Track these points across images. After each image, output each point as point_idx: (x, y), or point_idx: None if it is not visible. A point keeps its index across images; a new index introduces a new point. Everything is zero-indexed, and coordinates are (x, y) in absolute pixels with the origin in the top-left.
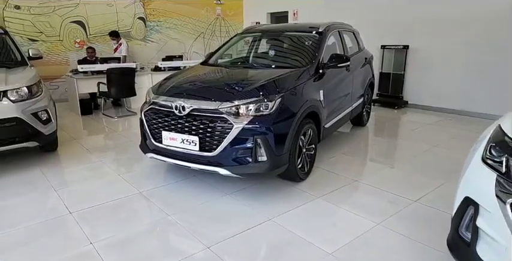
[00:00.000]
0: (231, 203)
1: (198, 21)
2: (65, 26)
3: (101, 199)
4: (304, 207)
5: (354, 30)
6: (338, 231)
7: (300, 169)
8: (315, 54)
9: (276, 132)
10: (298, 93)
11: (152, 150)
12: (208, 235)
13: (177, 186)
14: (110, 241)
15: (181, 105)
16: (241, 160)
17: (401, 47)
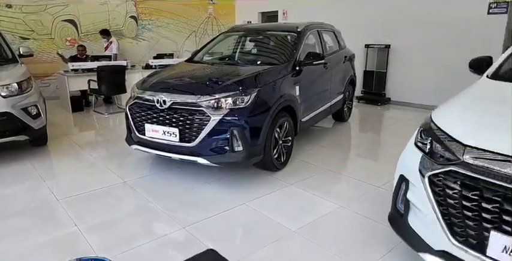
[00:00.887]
0: (209, 190)
1: (190, 20)
2: (57, 24)
3: (86, 188)
4: (276, 193)
5: (334, 30)
6: (304, 213)
7: (276, 159)
8: (293, 52)
9: (251, 124)
10: (273, 88)
11: (136, 142)
12: (185, 218)
13: (160, 176)
14: (93, 224)
15: (162, 98)
16: (219, 150)
17: (384, 46)
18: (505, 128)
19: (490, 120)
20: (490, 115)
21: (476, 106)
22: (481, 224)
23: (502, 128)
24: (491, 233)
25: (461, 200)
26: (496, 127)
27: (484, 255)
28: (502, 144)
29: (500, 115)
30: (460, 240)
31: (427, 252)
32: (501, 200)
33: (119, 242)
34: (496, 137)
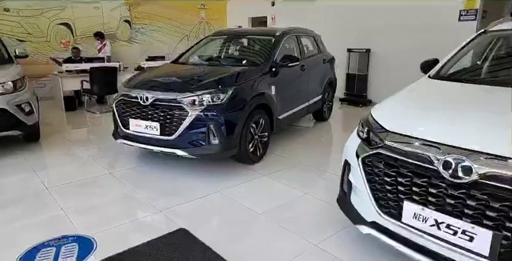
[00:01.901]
0: (188, 181)
1: (182, 25)
2: (52, 27)
3: (74, 178)
4: (249, 183)
5: (314, 34)
6: (271, 199)
7: (252, 153)
8: (270, 54)
9: (227, 119)
10: (249, 87)
11: (122, 136)
12: (162, 204)
13: (144, 168)
14: (77, 208)
15: (145, 95)
16: (196, 143)
17: (364, 51)
18: (422, 117)
19: (412, 111)
20: (414, 108)
21: (407, 101)
22: (398, 196)
23: (419, 117)
24: (405, 203)
25: (383, 177)
26: (415, 116)
27: (400, 221)
28: (416, 129)
29: (423, 107)
30: (384, 211)
31: (362, 224)
32: (412, 175)
33: (101, 223)
34: (412, 124)
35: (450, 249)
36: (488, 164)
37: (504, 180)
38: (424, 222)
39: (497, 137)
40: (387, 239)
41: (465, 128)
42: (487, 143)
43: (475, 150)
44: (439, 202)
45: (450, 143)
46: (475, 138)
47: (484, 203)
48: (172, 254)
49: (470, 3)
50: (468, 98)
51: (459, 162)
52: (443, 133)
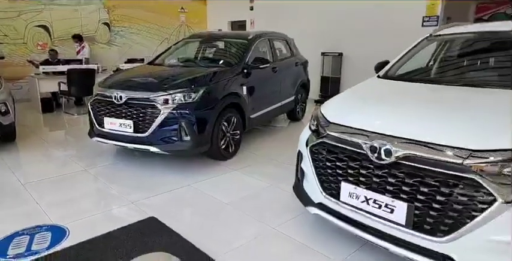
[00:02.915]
0: (161, 176)
1: (162, 28)
2: (30, 29)
3: (49, 175)
4: (220, 177)
5: (287, 38)
6: (239, 190)
7: (224, 149)
8: (242, 56)
9: (198, 117)
10: (221, 87)
11: (97, 134)
12: (134, 197)
13: (119, 165)
14: (52, 202)
15: (119, 94)
16: (168, 140)
17: (337, 54)
18: (357, 109)
19: (351, 105)
20: (354, 102)
21: (350, 96)
22: (337, 178)
23: (355, 110)
24: (342, 184)
25: (326, 162)
26: (352, 109)
27: (339, 200)
28: (351, 120)
29: (360, 102)
30: (327, 193)
31: (310, 206)
32: (347, 159)
33: (74, 214)
34: (348, 115)
35: (377, 221)
36: (404, 147)
37: (415, 160)
38: (357, 199)
39: (413, 125)
40: (330, 217)
41: (388, 118)
42: (403, 130)
43: (393, 135)
44: (368, 181)
45: (375, 130)
46: (395, 126)
47: (400, 180)
48: (141, 238)
49: (432, 10)
50: (401, 94)
51: (382, 146)
52: (371, 123)
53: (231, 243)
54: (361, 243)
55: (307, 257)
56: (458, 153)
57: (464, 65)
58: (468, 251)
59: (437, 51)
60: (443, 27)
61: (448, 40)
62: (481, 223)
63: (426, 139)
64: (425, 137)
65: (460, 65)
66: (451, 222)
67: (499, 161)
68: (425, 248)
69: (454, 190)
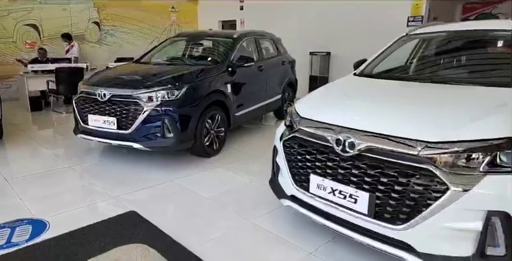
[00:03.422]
0: (144, 173)
1: (153, 27)
2: (19, 28)
3: (34, 171)
4: (202, 173)
5: (274, 37)
6: (219, 186)
7: (207, 146)
8: (227, 55)
9: (181, 114)
10: (205, 84)
11: (82, 131)
12: (116, 192)
13: (104, 162)
14: (34, 197)
15: (102, 92)
16: (151, 136)
17: (325, 54)
18: (327, 105)
19: (322, 101)
20: (325, 98)
21: (323, 93)
22: (307, 171)
23: (324, 105)
24: (311, 176)
25: (297, 156)
26: (322, 105)
27: (309, 192)
28: (319, 115)
29: (331, 98)
30: (298, 185)
31: (283, 198)
32: (316, 152)
33: (56, 208)
34: (318, 111)
35: (342, 211)
36: (366, 139)
37: (376, 152)
38: (324, 190)
39: (376, 118)
40: (300, 208)
41: (353, 113)
42: (366, 123)
43: (357, 129)
44: (334, 173)
45: (341, 124)
46: (359, 120)
47: (363, 171)
48: (120, 231)
49: (416, 11)
50: (371, 90)
51: (346, 139)
52: (338, 117)
53: (207, 234)
54: (333, 235)
55: (280, 247)
56: (415, 145)
57: (435, 63)
58: (424, 237)
59: (415, 50)
60: (420, 26)
61: (424, 39)
62: (435, 211)
63: (386, 132)
64: (386, 130)
65: (432, 63)
66: (408, 211)
67: (451, 152)
68: (386, 236)
69: (411, 179)
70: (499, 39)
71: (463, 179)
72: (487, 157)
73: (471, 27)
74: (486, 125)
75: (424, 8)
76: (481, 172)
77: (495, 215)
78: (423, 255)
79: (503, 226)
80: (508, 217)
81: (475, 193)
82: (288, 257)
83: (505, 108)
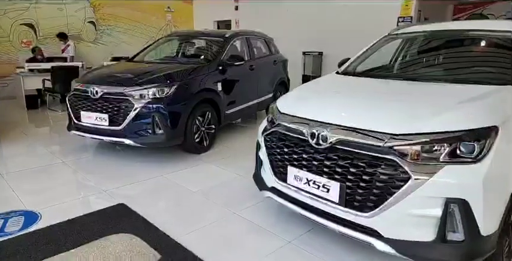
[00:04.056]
0: (135, 168)
1: (148, 27)
2: (15, 27)
3: (28, 166)
4: (192, 168)
5: (266, 37)
6: (208, 180)
7: (198, 143)
8: (218, 54)
9: (171, 111)
10: (195, 82)
11: (75, 128)
12: (107, 186)
13: (97, 158)
14: (28, 190)
15: (95, 89)
16: (142, 133)
17: (317, 54)
18: (305, 101)
19: (302, 98)
20: (305, 95)
21: (303, 90)
22: (285, 163)
23: (303, 101)
24: (288, 168)
25: (277, 149)
26: (300, 101)
27: (287, 183)
28: (297, 110)
29: (310, 94)
30: (278, 177)
31: (264, 190)
32: (293, 145)
33: (47, 201)
34: (298, 107)
35: (317, 200)
36: (337, 132)
37: (347, 144)
38: (300, 181)
39: (347, 113)
40: (280, 199)
41: (327, 108)
42: (338, 118)
43: (329, 123)
44: (309, 164)
45: (315, 119)
46: (332, 114)
47: (335, 162)
48: (108, 222)
49: (406, 11)
50: (348, 87)
51: (320, 132)
52: (313, 112)
53: (193, 225)
54: (312, 226)
55: (261, 237)
56: (381, 137)
57: (412, 62)
58: (390, 224)
59: (398, 49)
60: (401, 26)
61: (406, 39)
62: (399, 199)
63: (355, 126)
64: (355, 124)
65: (409, 62)
66: (375, 199)
67: (414, 144)
68: (355, 223)
69: (377, 169)
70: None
71: (424, 168)
72: (446, 148)
73: (447, 28)
74: (447, 119)
75: (413, 9)
76: (441, 162)
77: (454, 202)
78: (389, 240)
79: (461, 213)
80: (465, 204)
81: (435, 182)
82: (267, 245)
83: (467, 103)
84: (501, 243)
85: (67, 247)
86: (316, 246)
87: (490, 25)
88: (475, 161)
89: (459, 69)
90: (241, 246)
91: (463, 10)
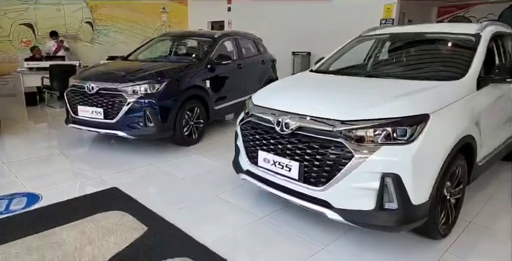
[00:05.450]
0: (129, 158)
1: (144, 27)
2: (15, 27)
3: (29, 156)
4: (181, 159)
5: (255, 38)
6: (195, 169)
7: (187, 136)
8: (207, 53)
9: (161, 106)
10: (184, 80)
11: (72, 121)
12: (102, 173)
13: (92, 149)
14: (29, 176)
15: (90, 85)
16: (134, 125)
17: (306, 54)
18: (274, 94)
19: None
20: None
21: (276, 85)
22: (256, 148)
23: (274, 94)
24: (259, 152)
25: (250, 136)
26: (272, 94)
27: (257, 165)
28: (266, 102)
29: (281, 88)
30: (251, 161)
31: (241, 173)
32: (263, 133)
33: (48, 185)
34: (268, 99)
35: (281, 178)
36: (298, 120)
37: (305, 130)
38: (268, 163)
39: (307, 103)
40: (252, 180)
41: (291, 99)
42: (299, 108)
43: (292, 112)
44: (275, 148)
45: (281, 109)
46: (294, 105)
47: (295, 145)
48: (102, 202)
49: (388, 13)
50: (314, 83)
51: (284, 120)
52: (279, 103)
53: (178, 204)
54: (282, 206)
55: (237, 214)
56: (331, 123)
57: (377, 60)
58: (338, 196)
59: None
60: (372, 28)
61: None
62: (345, 174)
63: (312, 114)
64: (312, 112)
65: (374, 60)
66: (326, 175)
67: (357, 128)
68: (312, 196)
69: (328, 150)
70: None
71: (365, 148)
72: (383, 132)
73: (409, 30)
74: (386, 108)
75: (395, 11)
76: (379, 143)
77: (388, 177)
78: (338, 210)
79: (395, 185)
80: (398, 178)
81: (373, 159)
82: (242, 220)
83: (407, 95)
84: (434, 212)
85: (66, 221)
86: (284, 221)
87: (449, 28)
88: (407, 142)
89: (414, 67)
90: (220, 221)
91: (447, 12)
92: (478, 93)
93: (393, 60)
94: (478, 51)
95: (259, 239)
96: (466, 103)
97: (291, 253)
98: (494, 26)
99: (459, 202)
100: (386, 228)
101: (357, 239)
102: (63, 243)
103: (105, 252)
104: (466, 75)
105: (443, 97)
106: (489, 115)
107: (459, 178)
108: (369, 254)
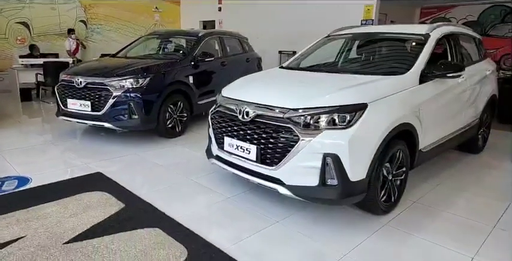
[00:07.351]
0: (114, 147)
1: (137, 26)
2: (11, 26)
3: (21, 146)
4: (163, 149)
5: (240, 37)
6: (174, 157)
7: (171, 128)
8: (191, 50)
9: (145, 99)
10: (168, 75)
11: (62, 114)
12: (89, 161)
13: (81, 141)
14: (20, 162)
15: (79, 80)
16: (119, 117)
17: (292, 52)
18: (240, 87)
19: (240, 85)
20: (243, 83)
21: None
22: (223, 134)
23: (239, 87)
24: (225, 138)
25: (218, 124)
26: (238, 87)
27: (224, 150)
28: (232, 93)
29: (248, 82)
30: (219, 146)
31: (211, 158)
32: (228, 120)
33: (37, 170)
34: (234, 91)
35: (242, 160)
36: (256, 109)
37: (262, 117)
38: (232, 147)
39: (265, 94)
40: (220, 163)
41: (252, 91)
42: (257, 98)
43: (251, 102)
44: (238, 134)
45: (243, 99)
46: (253, 96)
47: (254, 131)
48: (86, 184)
49: (368, 14)
50: (277, 77)
51: (245, 109)
52: (242, 95)
53: (155, 187)
54: (248, 188)
55: (208, 194)
56: (282, 111)
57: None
58: (289, 174)
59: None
60: (339, 29)
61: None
62: (293, 155)
63: (268, 103)
64: (268, 102)
65: (338, 57)
66: (279, 156)
67: (303, 115)
68: (267, 175)
69: (279, 134)
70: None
71: (310, 132)
72: (326, 118)
73: (370, 30)
74: (330, 97)
75: (374, 13)
76: (322, 128)
77: (329, 156)
78: (289, 186)
79: (334, 164)
80: (337, 157)
81: (316, 141)
82: (211, 200)
83: (352, 87)
84: (373, 189)
85: (52, 199)
86: (249, 201)
87: (404, 29)
88: (346, 127)
89: (370, 63)
90: (191, 200)
91: (429, 14)
92: (421, 87)
93: (354, 57)
94: (423, 50)
95: (224, 214)
96: (405, 95)
97: (250, 225)
98: (446, 26)
99: (402, 183)
100: (329, 201)
101: (311, 215)
102: (48, 216)
103: (84, 223)
104: (410, 70)
105: (383, 89)
106: (431, 107)
107: (401, 161)
108: (318, 226)
